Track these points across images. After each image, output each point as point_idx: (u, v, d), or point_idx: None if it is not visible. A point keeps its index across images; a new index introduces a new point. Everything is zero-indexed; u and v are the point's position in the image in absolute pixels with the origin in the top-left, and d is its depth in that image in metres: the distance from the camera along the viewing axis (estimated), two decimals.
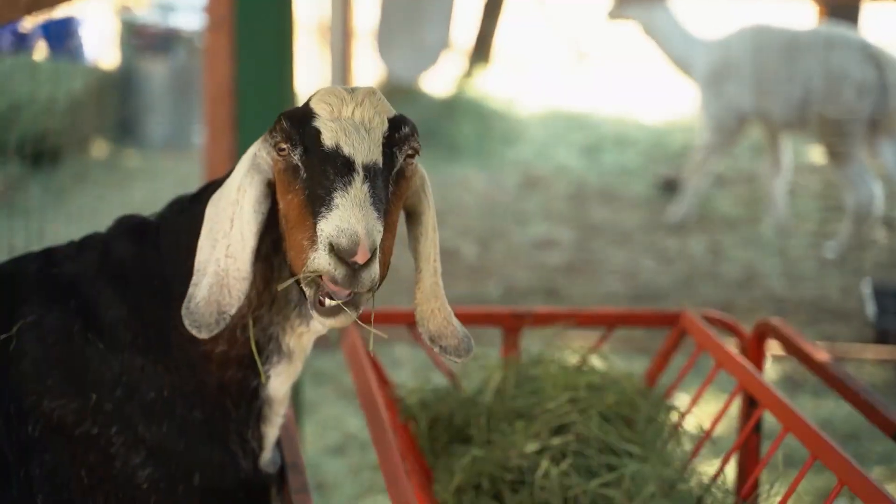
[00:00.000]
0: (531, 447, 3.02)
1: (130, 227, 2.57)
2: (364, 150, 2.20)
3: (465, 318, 3.38)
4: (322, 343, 6.36)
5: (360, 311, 2.20)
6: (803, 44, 9.11)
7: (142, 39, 12.40)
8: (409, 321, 3.57)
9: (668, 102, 14.38)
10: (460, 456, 3.12)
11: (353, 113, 2.25)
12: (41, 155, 8.94)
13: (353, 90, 2.31)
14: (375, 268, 2.12)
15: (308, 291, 2.17)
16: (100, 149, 11.80)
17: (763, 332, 3.43)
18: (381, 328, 4.74)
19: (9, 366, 2.39)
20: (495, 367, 3.44)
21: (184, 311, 2.31)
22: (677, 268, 8.88)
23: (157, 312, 2.46)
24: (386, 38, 11.55)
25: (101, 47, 13.17)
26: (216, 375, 2.46)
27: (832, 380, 3.08)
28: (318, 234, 2.11)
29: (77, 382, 2.39)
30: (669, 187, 10.85)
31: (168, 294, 2.46)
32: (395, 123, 2.29)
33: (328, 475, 5.52)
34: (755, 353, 3.45)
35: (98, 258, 2.51)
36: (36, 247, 2.65)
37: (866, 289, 7.49)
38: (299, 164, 2.24)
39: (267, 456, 2.60)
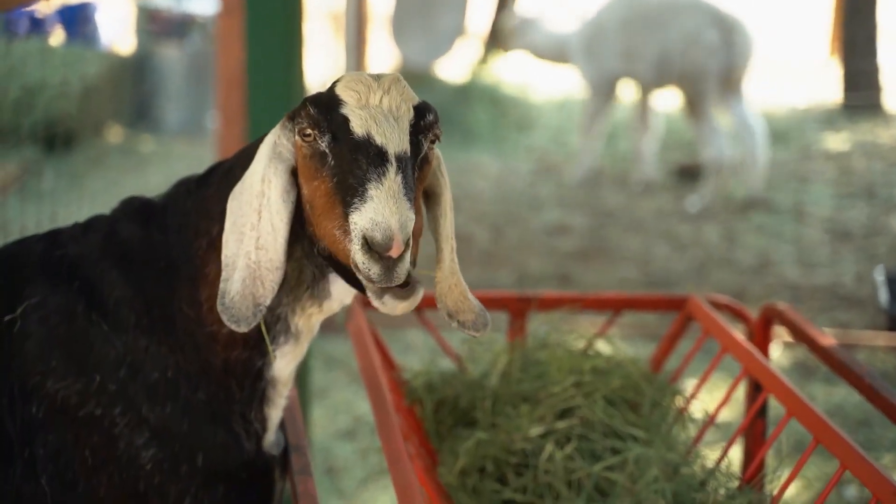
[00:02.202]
0: (536, 431, 3.02)
1: (136, 208, 2.56)
2: (395, 139, 2.21)
3: None
4: (333, 327, 6.39)
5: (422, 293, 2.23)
6: (660, 11, 10.36)
7: (157, 25, 12.43)
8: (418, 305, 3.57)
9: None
10: (465, 439, 3.12)
11: (380, 101, 2.25)
12: (55, 139, 8.96)
13: (378, 77, 2.30)
14: (408, 258, 2.12)
15: (368, 283, 2.18)
16: (114, 134, 11.84)
17: (769, 318, 3.42)
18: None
19: (13, 347, 2.40)
20: (501, 351, 3.45)
21: (220, 308, 2.30)
22: (691, 254, 8.87)
23: (162, 293, 2.46)
24: (401, 25, 11.56)
25: (117, 32, 13.20)
26: (221, 356, 2.47)
27: (837, 365, 3.08)
28: (352, 226, 2.12)
29: (81, 363, 2.40)
30: (686, 174, 10.84)
31: (174, 275, 2.47)
32: (420, 111, 2.29)
33: (338, 459, 5.54)
34: (761, 338, 3.45)
35: (103, 239, 2.51)
36: None
37: (879, 276, 7.47)
38: (327, 150, 2.23)
39: (270, 437, 2.60)
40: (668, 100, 13.97)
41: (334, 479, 5.35)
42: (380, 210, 2.09)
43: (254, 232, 2.31)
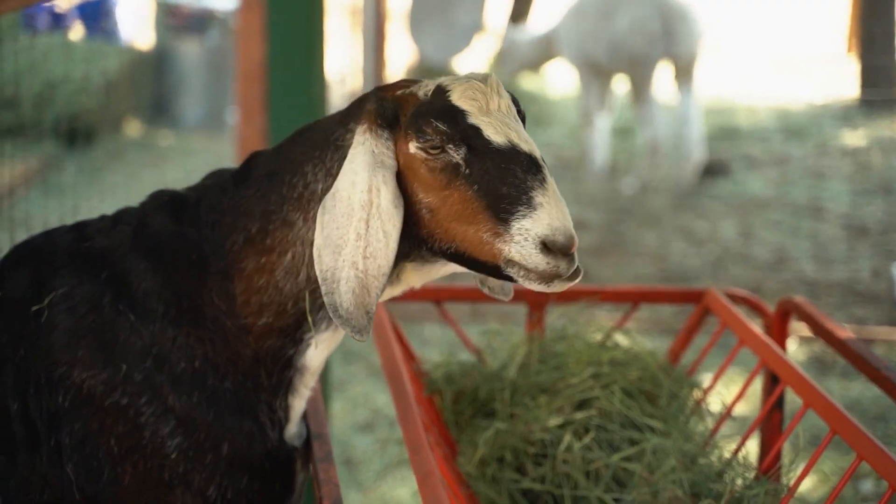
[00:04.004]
0: (554, 421, 3.04)
1: (165, 201, 2.58)
2: (532, 142, 2.27)
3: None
4: None
5: None
6: (615, 2, 10.77)
7: (176, 20, 12.48)
8: (437, 298, 3.60)
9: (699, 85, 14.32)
10: (484, 429, 3.14)
11: (499, 105, 2.30)
12: (76, 134, 9.02)
13: (483, 78, 2.34)
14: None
15: (518, 272, 2.24)
16: (134, 128, 11.89)
17: (786, 311, 3.43)
18: (410, 305, 4.78)
19: (40, 336, 2.43)
20: (520, 343, 3.47)
21: (338, 322, 2.31)
22: (707, 249, 8.87)
23: (191, 285, 2.48)
24: (419, 20, 11.58)
25: (136, 28, 13.26)
26: (253, 346, 2.48)
27: (855, 358, 3.08)
28: (520, 232, 2.19)
29: (107, 353, 2.42)
30: (710, 171, 10.83)
31: (204, 268, 2.48)
32: (516, 104, 2.37)
33: (357, 451, 5.58)
34: (779, 331, 3.46)
35: (133, 231, 2.53)
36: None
37: None
38: (461, 161, 2.27)
39: (293, 428, 2.63)
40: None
41: (352, 471, 5.38)
42: (555, 215, 2.18)
43: (360, 241, 2.31)
